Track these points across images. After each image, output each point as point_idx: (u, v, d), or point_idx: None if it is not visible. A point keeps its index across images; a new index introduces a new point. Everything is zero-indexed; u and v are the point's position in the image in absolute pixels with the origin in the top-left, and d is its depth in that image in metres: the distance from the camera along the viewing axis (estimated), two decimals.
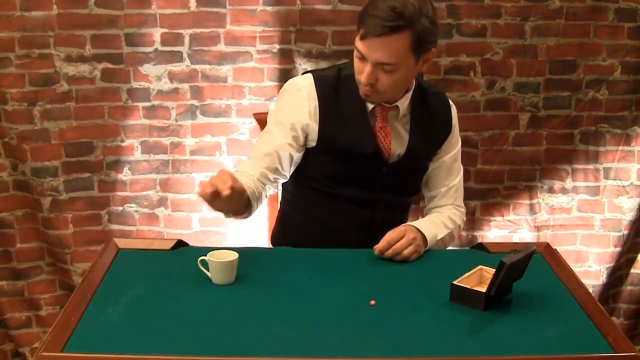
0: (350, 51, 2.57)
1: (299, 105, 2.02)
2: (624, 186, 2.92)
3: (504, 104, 2.83)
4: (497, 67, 2.79)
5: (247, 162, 2.04)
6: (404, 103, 2.04)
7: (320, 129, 2.01)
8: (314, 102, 2.01)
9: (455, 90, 2.79)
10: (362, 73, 1.91)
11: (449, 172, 2.17)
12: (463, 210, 2.21)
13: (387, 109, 2.03)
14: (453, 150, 2.17)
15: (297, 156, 2.05)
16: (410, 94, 2.05)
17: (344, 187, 2.07)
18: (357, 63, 1.94)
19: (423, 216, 2.21)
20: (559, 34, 2.77)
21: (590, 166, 2.90)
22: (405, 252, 1.90)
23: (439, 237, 2.04)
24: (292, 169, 2.07)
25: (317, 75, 2.06)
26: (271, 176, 2.01)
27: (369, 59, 1.88)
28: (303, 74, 2.12)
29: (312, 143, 2.04)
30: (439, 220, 2.10)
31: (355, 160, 2.03)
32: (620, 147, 2.88)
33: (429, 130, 2.10)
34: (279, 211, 2.30)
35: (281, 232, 2.25)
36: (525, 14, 2.74)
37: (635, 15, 2.75)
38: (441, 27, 2.70)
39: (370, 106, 2.02)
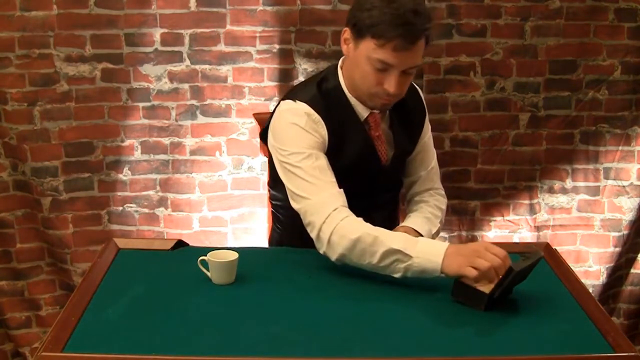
0: None
1: (313, 128, 1.90)
2: (624, 186, 2.92)
3: (504, 104, 2.83)
4: (497, 67, 2.79)
5: (335, 198, 1.84)
6: None
7: (327, 147, 1.94)
8: (322, 123, 1.91)
9: (455, 90, 2.79)
10: (385, 83, 1.82)
11: (427, 154, 2.14)
12: (443, 192, 2.19)
13: (378, 115, 1.98)
14: (428, 131, 2.14)
15: None
16: None
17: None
18: (373, 74, 1.83)
19: (405, 205, 2.20)
20: (559, 34, 2.77)
21: (590, 166, 2.90)
22: None
23: (433, 232, 2.04)
24: None
25: (307, 99, 1.92)
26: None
27: (398, 67, 1.80)
28: (282, 99, 1.99)
29: None
30: (429, 213, 2.08)
31: (356, 172, 1.98)
32: (620, 147, 2.88)
33: (408, 120, 2.05)
34: (272, 227, 2.24)
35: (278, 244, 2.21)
36: (525, 14, 2.74)
37: (635, 15, 2.75)
38: (441, 27, 2.72)
39: (363, 116, 1.95)
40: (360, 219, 1.81)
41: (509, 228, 2.96)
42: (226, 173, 2.82)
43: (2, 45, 2.59)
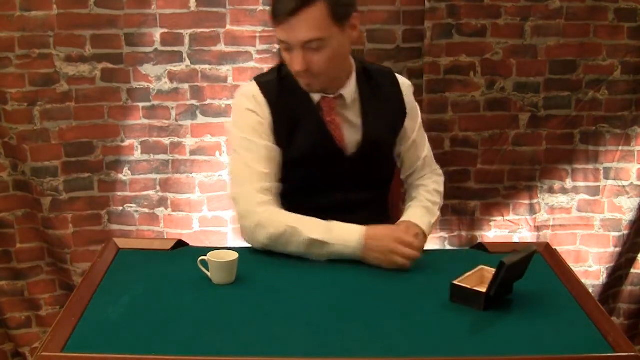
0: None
1: (259, 110, 1.96)
2: (624, 186, 2.92)
3: (504, 104, 2.83)
4: (497, 67, 2.79)
5: (262, 191, 1.92)
6: (347, 89, 1.97)
7: (276, 134, 1.96)
8: (264, 104, 1.96)
9: (455, 90, 2.79)
10: (294, 61, 1.85)
11: (419, 146, 2.14)
12: (439, 170, 2.21)
13: (333, 100, 1.97)
14: (417, 125, 2.13)
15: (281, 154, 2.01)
16: (353, 78, 1.99)
17: (314, 195, 2.00)
18: (286, 56, 1.88)
19: (405, 191, 2.22)
20: (559, 34, 2.77)
21: (590, 166, 2.90)
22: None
23: (432, 222, 2.05)
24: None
25: (260, 81, 2.00)
26: (277, 185, 1.97)
27: (293, 43, 1.81)
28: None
29: None
30: (428, 202, 2.08)
31: (316, 160, 1.98)
32: (620, 147, 2.88)
33: (381, 110, 2.03)
34: None
35: None
36: (525, 14, 2.74)
37: (635, 15, 2.75)
38: (441, 27, 2.72)
39: (316, 100, 1.96)
40: (281, 210, 1.90)
41: (509, 228, 2.96)
42: (226, 173, 2.82)
43: (2, 45, 2.59)
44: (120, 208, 2.82)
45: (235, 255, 1.75)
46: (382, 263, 1.82)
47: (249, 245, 2.15)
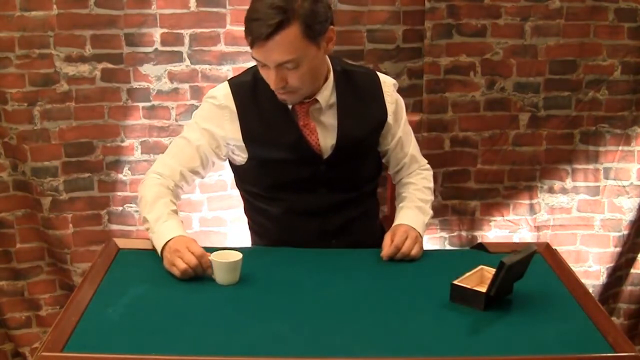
0: (351, 51, 2.57)
1: (215, 115, 1.99)
2: (624, 186, 2.92)
3: (504, 104, 2.83)
4: (497, 67, 2.79)
5: (165, 162, 2.04)
6: (323, 94, 1.97)
7: (245, 137, 1.98)
8: (230, 111, 1.98)
9: (455, 90, 2.79)
10: (270, 79, 1.86)
11: (405, 143, 2.15)
12: (426, 165, 2.22)
13: (307, 104, 1.97)
14: (402, 122, 2.13)
15: (218, 162, 2.06)
16: (330, 83, 1.98)
17: (302, 195, 2.02)
18: (262, 71, 1.89)
19: (394, 187, 2.23)
20: (559, 34, 2.77)
21: (590, 166, 2.90)
22: (414, 252, 1.91)
23: (426, 221, 2.06)
24: (209, 170, 2.09)
25: (233, 82, 2.02)
26: (189, 177, 2.03)
27: (268, 63, 1.82)
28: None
29: (243, 155, 2.02)
30: (420, 201, 2.09)
31: (292, 163, 1.99)
32: (620, 147, 2.88)
33: (359, 112, 2.02)
34: (252, 239, 2.26)
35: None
36: (525, 14, 2.74)
37: (635, 15, 2.75)
38: (441, 27, 2.71)
39: (290, 105, 1.96)
40: (160, 183, 1.99)
41: (509, 228, 2.96)
42: (226, 173, 2.82)
43: (2, 45, 2.59)
44: (120, 208, 2.82)
45: (239, 256, 1.74)
46: (169, 268, 1.78)
47: (252, 246, 2.16)
